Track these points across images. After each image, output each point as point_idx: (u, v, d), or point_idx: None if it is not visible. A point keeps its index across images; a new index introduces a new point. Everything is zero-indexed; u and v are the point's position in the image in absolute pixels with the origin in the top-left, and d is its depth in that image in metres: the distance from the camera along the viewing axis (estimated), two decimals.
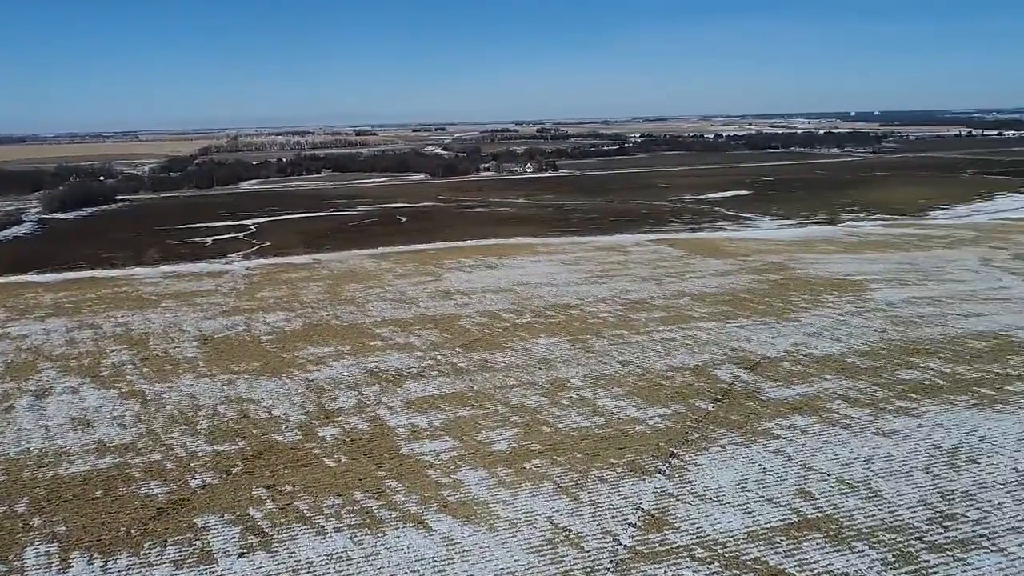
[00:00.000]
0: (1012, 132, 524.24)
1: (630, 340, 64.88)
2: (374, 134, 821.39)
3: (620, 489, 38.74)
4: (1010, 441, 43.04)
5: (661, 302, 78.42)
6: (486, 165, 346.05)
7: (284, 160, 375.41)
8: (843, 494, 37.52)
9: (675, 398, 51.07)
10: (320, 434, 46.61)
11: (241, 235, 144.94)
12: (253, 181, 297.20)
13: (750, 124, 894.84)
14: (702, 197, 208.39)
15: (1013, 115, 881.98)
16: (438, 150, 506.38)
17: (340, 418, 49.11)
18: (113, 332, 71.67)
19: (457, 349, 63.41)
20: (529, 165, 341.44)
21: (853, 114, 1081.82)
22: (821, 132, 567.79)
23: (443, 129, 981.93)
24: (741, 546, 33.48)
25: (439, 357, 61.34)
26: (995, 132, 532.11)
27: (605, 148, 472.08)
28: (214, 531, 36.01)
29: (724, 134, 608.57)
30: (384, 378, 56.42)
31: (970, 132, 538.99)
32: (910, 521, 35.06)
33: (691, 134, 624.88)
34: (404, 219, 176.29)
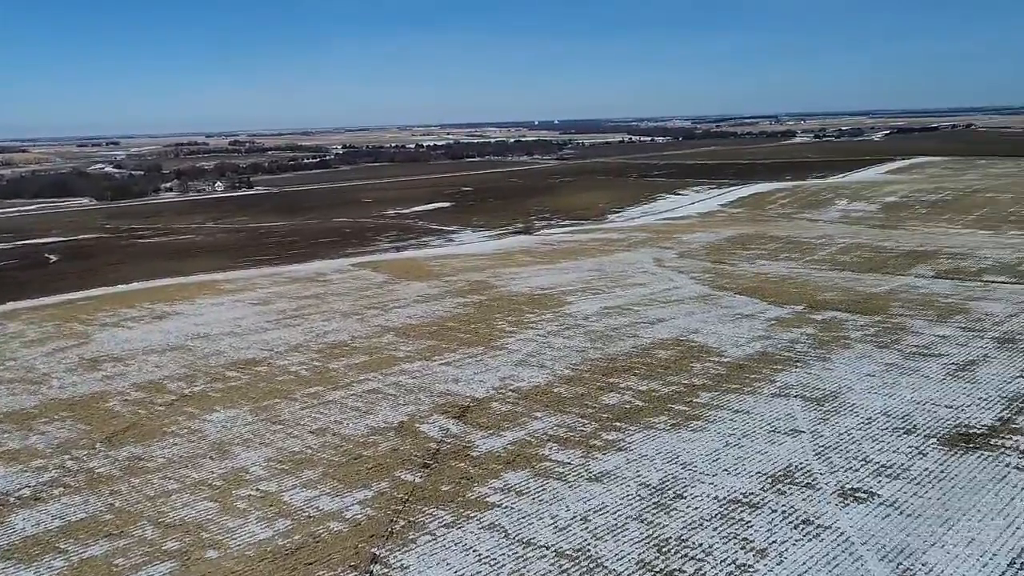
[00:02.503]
0: (661, 138, 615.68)
1: (326, 399, 56.14)
2: (24, 150, 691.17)
3: None
4: (707, 464, 43.22)
5: (363, 343, 70.78)
6: (168, 184, 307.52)
7: None
8: (564, 572, 33.37)
9: (377, 473, 43.73)
10: None
11: None
12: None
13: (448, 133, 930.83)
14: (406, 211, 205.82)
15: (660, 123, 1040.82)
16: (108, 168, 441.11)
17: None
18: None
19: (98, 446, 48.88)
20: (219, 183, 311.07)
21: (537, 123, 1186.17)
22: (512, 140, 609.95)
23: (117, 143, 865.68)
24: None
25: (69, 464, 46.44)
26: (648, 138, 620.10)
27: (305, 161, 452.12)
28: None
29: (425, 144, 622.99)
30: None
31: (630, 138, 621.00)
32: None
33: (393, 144, 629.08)
34: (54, 258, 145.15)
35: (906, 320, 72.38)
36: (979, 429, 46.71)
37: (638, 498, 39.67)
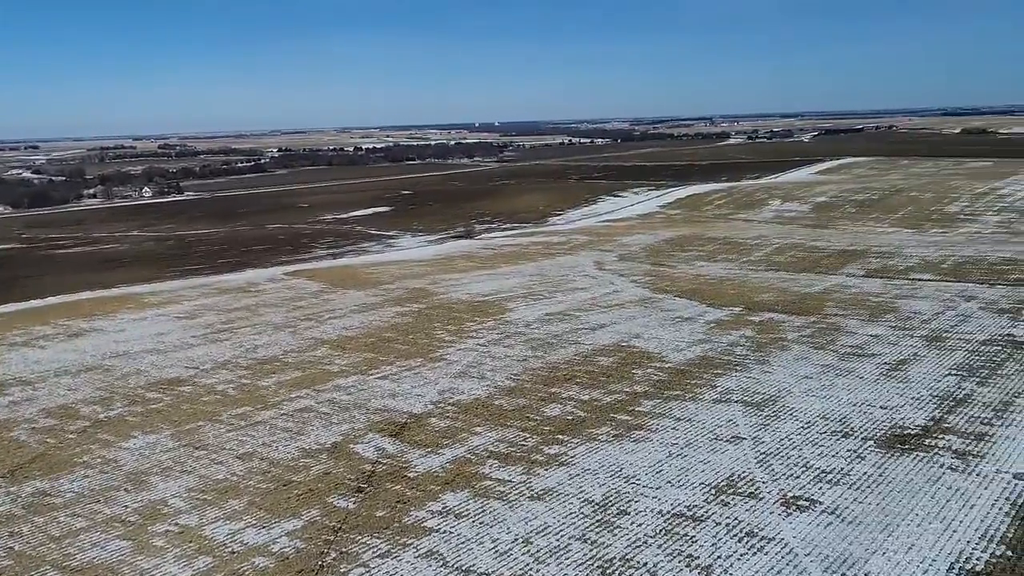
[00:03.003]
0: (601, 140, 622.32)
1: (255, 420, 53.17)
2: None
3: None
4: (650, 477, 42.38)
5: (295, 357, 67.76)
6: (91, 191, 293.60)
7: None
8: None
9: (308, 500, 41.30)
10: None
11: None
12: None
13: (388, 136, 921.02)
14: (344, 216, 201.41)
15: (599, 124, 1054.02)
16: (27, 174, 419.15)
17: None
18: None
19: None
20: (147, 188, 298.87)
21: (477, 125, 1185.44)
22: (452, 142, 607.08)
23: (36, 147, 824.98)
24: None
25: None
26: (588, 140, 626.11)
27: (239, 165, 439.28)
28: None
29: (364, 146, 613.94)
30: None
31: (571, 140, 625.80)
32: None
33: (331, 147, 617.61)
34: None
35: (840, 320, 73.64)
36: (913, 430, 47.31)
37: (581, 516, 38.46)
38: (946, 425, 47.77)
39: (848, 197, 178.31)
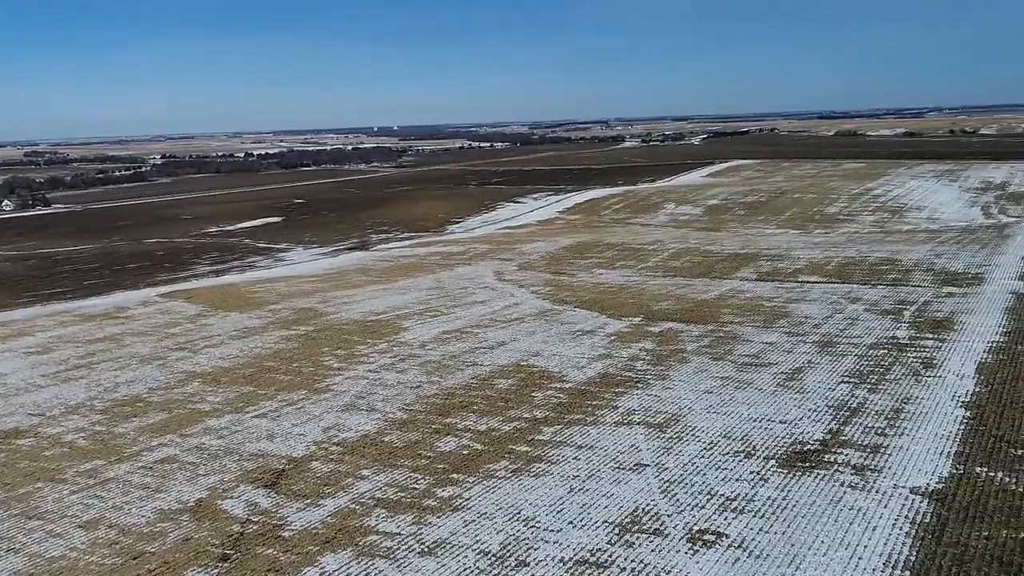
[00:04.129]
0: (500, 143, 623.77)
1: (106, 476, 46.52)
2: None
3: None
4: (551, 518, 39.43)
5: (162, 396, 60.79)
6: None
7: None
8: None
9: None
10: None
11: None
12: None
13: (282, 141, 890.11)
14: (231, 228, 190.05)
15: (499, 128, 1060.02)
16: None
17: None
18: None
19: None
20: (8, 201, 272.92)
21: (376, 129, 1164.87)
22: (349, 148, 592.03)
23: None
24: None
25: None
26: (488, 144, 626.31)
27: (117, 174, 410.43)
28: None
29: (256, 152, 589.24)
30: None
31: (470, 144, 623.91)
32: None
33: (220, 153, 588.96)
34: None
35: (736, 328, 73.78)
36: (812, 445, 46.74)
37: (477, 571, 34.93)
38: (843, 438, 47.52)
39: (738, 200, 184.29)
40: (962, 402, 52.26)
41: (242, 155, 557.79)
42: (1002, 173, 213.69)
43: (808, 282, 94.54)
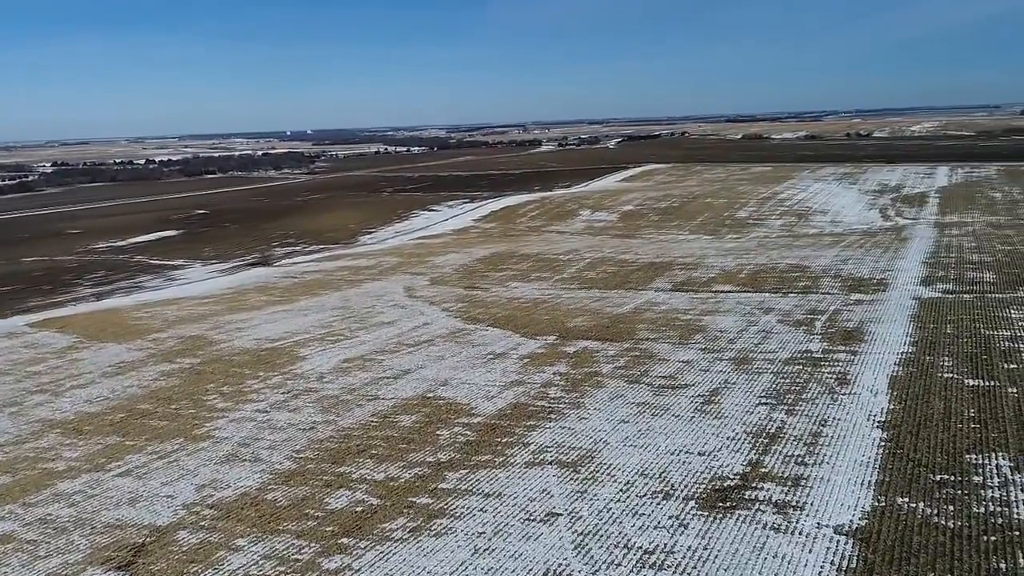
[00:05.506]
0: (417, 148, 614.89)
1: None
2: None
3: None
4: None
5: (8, 453, 52.68)
6: None
7: None
8: None
9: None
10: None
11: None
12: None
13: (187, 146, 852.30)
14: (122, 243, 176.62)
15: (416, 132, 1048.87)
16: None
17: None
18: None
19: None
20: None
21: (289, 133, 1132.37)
22: (260, 153, 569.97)
23: None
24: None
25: None
26: (404, 148, 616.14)
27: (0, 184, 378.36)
28: None
29: (158, 159, 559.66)
30: None
31: (387, 149, 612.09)
32: None
33: (119, 160, 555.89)
34: None
35: (652, 345, 71.37)
36: (733, 479, 44.08)
37: None
38: (763, 469, 45.11)
39: (652, 205, 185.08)
40: (878, 422, 51.01)
41: (143, 162, 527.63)
42: (896, 176, 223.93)
43: (722, 291, 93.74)
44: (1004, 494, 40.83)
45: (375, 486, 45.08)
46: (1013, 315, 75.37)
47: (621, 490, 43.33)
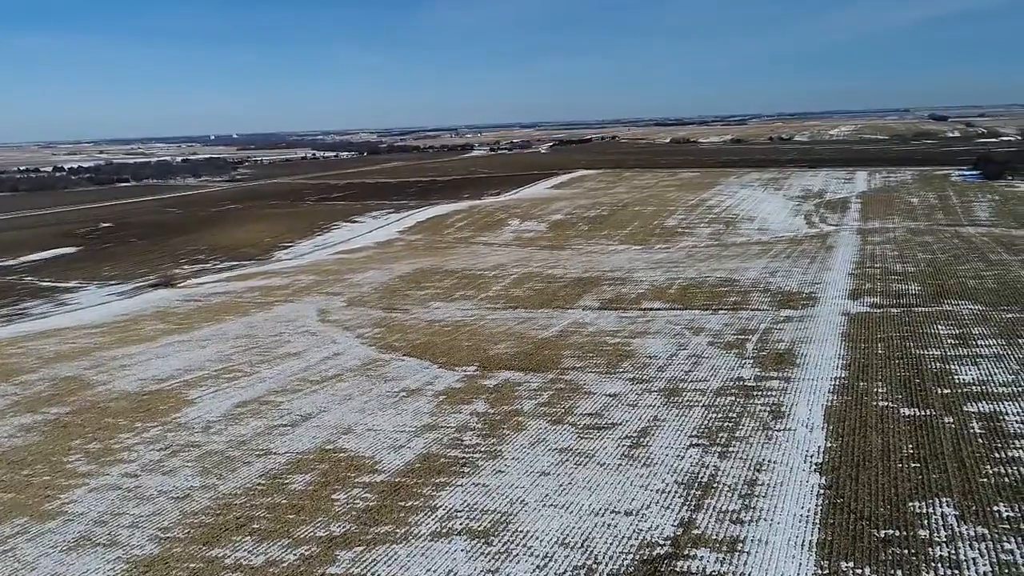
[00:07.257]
0: (346, 153, 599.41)
1: None
2: None
3: None
4: None
5: None
6: None
7: None
8: None
9: None
10: None
11: None
12: None
13: (102, 152, 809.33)
14: (12, 262, 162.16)
15: (346, 136, 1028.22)
16: None
17: None
18: None
19: None
20: None
21: (213, 137, 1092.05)
22: (179, 159, 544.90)
23: None
24: None
25: None
26: (333, 153, 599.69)
27: None
28: None
29: (67, 166, 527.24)
30: None
31: (314, 154, 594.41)
32: None
33: (23, 168, 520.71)
34: None
35: (578, 376, 66.52)
36: (663, 546, 39.25)
37: None
38: (696, 531, 40.47)
39: (581, 214, 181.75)
40: (816, 464, 47.27)
41: (50, 169, 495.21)
42: (819, 181, 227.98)
43: (651, 309, 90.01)
44: (952, 551, 37.33)
45: (251, 575, 38.23)
46: (940, 331, 73.91)
47: (538, 567, 37.86)
